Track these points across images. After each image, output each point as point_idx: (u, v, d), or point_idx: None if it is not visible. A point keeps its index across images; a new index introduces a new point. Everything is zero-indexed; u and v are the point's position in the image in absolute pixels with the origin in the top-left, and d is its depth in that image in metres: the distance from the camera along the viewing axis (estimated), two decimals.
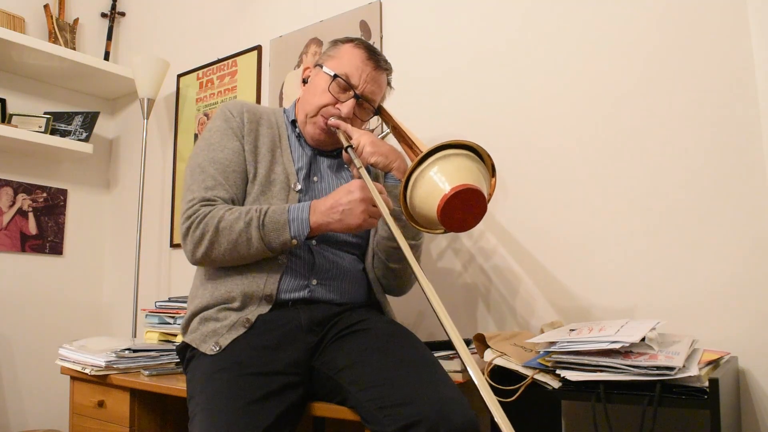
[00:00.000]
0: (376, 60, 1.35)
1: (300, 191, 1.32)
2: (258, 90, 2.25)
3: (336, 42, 1.39)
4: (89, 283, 2.75)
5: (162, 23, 2.71)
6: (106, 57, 2.75)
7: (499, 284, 1.61)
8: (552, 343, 1.11)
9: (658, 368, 0.98)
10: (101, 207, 2.83)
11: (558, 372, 1.08)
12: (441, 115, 1.76)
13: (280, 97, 2.16)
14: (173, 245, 2.48)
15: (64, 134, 2.53)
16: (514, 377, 1.11)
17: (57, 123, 2.53)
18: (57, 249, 2.63)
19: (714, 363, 1.08)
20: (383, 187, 1.21)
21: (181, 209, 1.27)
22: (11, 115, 2.44)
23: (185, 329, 1.29)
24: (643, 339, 1.03)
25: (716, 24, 1.34)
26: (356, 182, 1.19)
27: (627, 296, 1.41)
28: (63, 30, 2.63)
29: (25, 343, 2.48)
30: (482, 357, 1.19)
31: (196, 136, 2.46)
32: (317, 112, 1.34)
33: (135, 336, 2.31)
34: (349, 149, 1.24)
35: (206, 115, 2.43)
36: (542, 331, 1.34)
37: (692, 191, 1.34)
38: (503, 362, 1.14)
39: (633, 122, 1.43)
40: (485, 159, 1.12)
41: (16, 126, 2.37)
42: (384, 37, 1.92)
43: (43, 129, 2.44)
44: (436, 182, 1.05)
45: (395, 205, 1.34)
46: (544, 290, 1.53)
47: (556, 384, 1.07)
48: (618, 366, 1.01)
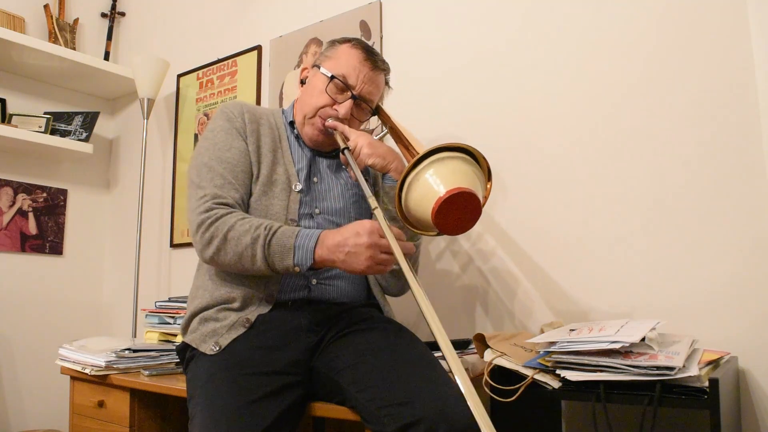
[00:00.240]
0: (374, 60, 1.35)
1: (301, 191, 1.32)
2: (258, 90, 2.25)
3: (333, 42, 1.39)
4: (89, 283, 2.75)
5: (162, 23, 2.71)
6: (106, 57, 2.75)
7: (498, 286, 1.61)
8: (552, 343, 1.11)
9: (658, 368, 0.98)
10: (101, 207, 2.83)
11: (558, 372, 1.08)
12: (441, 115, 1.76)
13: (280, 98, 2.16)
14: (173, 245, 2.48)
15: (64, 134, 2.53)
16: (514, 377, 1.11)
17: (57, 123, 2.53)
18: (57, 249, 2.63)
19: (714, 363, 1.08)
20: (401, 233, 1.12)
21: (191, 206, 1.23)
22: (11, 115, 2.44)
23: (185, 329, 1.29)
24: (643, 339, 1.03)
25: (716, 24, 1.34)
26: (367, 225, 1.11)
27: (627, 297, 1.40)
28: (63, 30, 2.63)
29: (25, 343, 2.48)
30: (482, 357, 1.19)
31: (196, 136, 2.46)
32: (315, 114, 1.34)
33: (135, 336, 2.31)
34: (346, 151, 1.24)
35: (206, 115, 2.43)
36: (542, 331, 1.34)
37: (692, 191, 1.34)
38: (503, 362, 1.14)
39: (633, 122, 1.43)
40: (481, 162, 1.12)
41: (16, 126, 2.37)
42: (384, 37, 1.91)
43: (43, 129, 2.44)
44: (431, 185, 1.05)
45: (389, 202, 1.35)
46: (543, 291, 1.53)
47: (556, 384, 1.07)
48: (618, 366, 1.01)
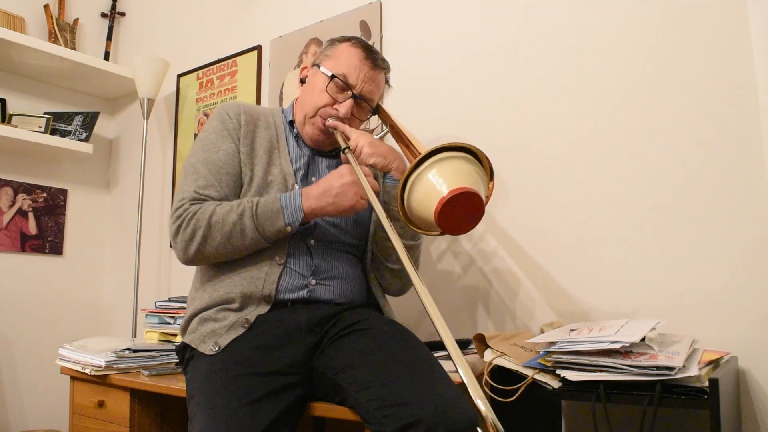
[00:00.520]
0: (374, 59, 1.34)
1: None
2: (258, 90, 2.25)
3: (333, 41, 1.39)
4: (89, 283, 2.75)
5: (162, 23, 2.71)
6: (106, 57, 2.75)
7: (499, 286, 1.61)
8: (552, 343, 1.11)
9: (658, 368, 0.98)
10: (101, 207, 2.83)
11: (558, 372, 1.08)
12: (441, 115, 1.76)
13: (280, 97, 2.16)
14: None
15: (64, 134, 2.53)
16: (514, 377, 1.11)
17: (57, 123, 2.53)
18: (57, 249, 2.63)
19: (714, 363, 1.08)
20: (369, 171, 1.23)
21: (171, 209, 1.27)
22: (11, 115, 2.44)
23: (184, 330, 1.29)
24: (643, 339, 1.03)
25: (716, 24, 1.34)
26: (346, 166, 1.23)
27: (627, 297, 1.40)
28: (63, 30, 2.63)
29: (25, 343, 2.48)
30: (482, 357, 1.19)
31: (196, 136, 2.45)
32: (315, 113, 1.34)
33: (135, 336, 2.31)
34: (347, 151, 1.24)
35: (206, 115, 2.43)
36: (542, 331, 1.34)
37: (692, 191, 1.34)
38: (503, 362, 1.14)
39: (633, 123, 1.43)
40: (483, 162, 1.12)
41: (16, 126, 2.37)
42: (384, 37, 1.91)
43: (43, 129, 2.44)
44: (434, 185, 1.05)
45: (391, 201, 1.35)
46: (544, 291, 1.53)
47: (556, 384, 1.07)
48: (618, 366, 1.01)
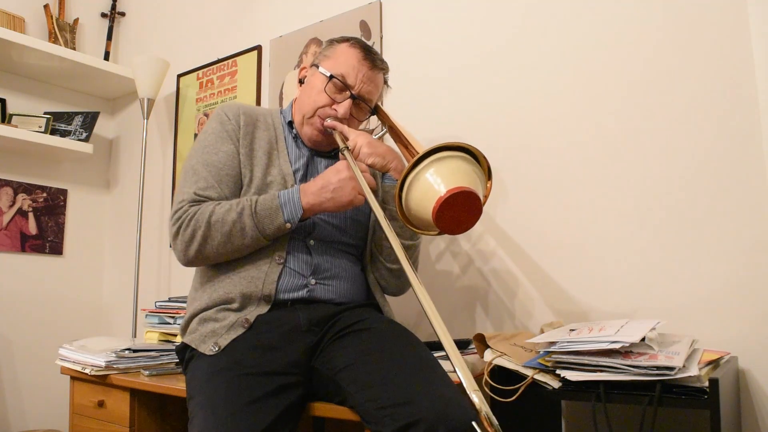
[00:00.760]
0: (372, 59, 1.35)
1: None
2: (258, 90, 2.25)
3: (332, 42, 1.39)
4: (89, 283, 2.75)
5: (162, 23, 2.71)
6: (106, 57, 2.76)
7: (498, 286, 1.61)
8: (552, 343, 1.11)
9: (658, 368, 0.98)
10: (101, 207, 2.83)
11: (558, 372, 1.08)
12: (441, 116, 1.76)
13: (280, 98, 2.16)
14: None
15: (64, 134, 2.53)
16: (514, 377, 1.11)
17: (57, 123, 2.53)
18: (57, 249, 2.63)
19: (714, 363, 1.08)
20: (367, 168, 1.24)
21: (171, 211, 1.27)
22: (11, 115, 2.44)
23: (184, 330, 1.29)
24: (643, 339, 1.03)
25: (716, 24, 1.34)
26: (343, 162, 1.24)
27: (627, 297, 1.40)
28: (63, 30, 2.63)
29: (25, 343, 2.48)
30: (482, 357, 1.19)
31: (196, 136, 2.45)
32: (314, 113, 1.34)
33: (135, 336, 2.31)
34: (345, 151, 1.25)
35: (206, 115, 2.43)
36: (542, 331, 1.34)
37: (692, 191, 1.34)
38: (503, 362, 1.14)
39: (633, 122, 1.43)
40: (481, 161, 1.12)
41: (16, 126, 2.37)
42: (384, 37, 1.91)
43: (43, 129, 2.44)
44: (432, 184, 1.05)
45: (389, 201, 1.35)
46: (543, 291, 1.53)
47: (556, 384, 1.07)
48: (618, 366, 1.01)
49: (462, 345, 1.40)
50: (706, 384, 0.95)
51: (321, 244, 1.32)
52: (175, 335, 1.86)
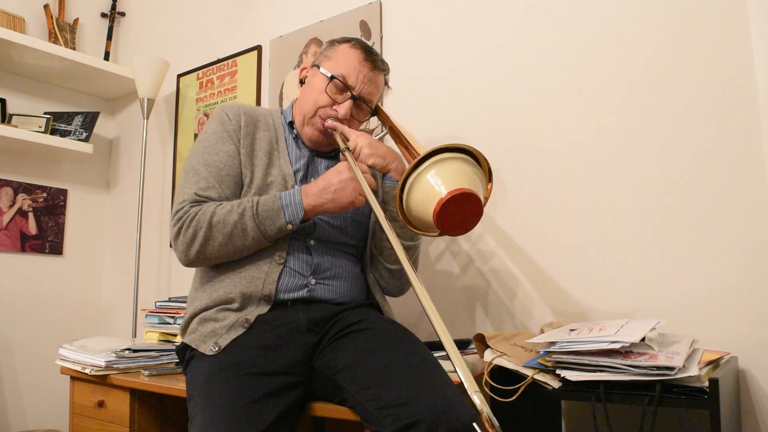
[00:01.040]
0: (373, 60, 1.35)
1: None
2: (258, 90, 2.25)
3: (333, 42, 1.39)
4: (89, 283, 2.75)
5: (162, 23, 2.71)
6: (106, 57, 2.75)
7: (498, 286, 1.61)
8: (552, 343, 1.11)
9: (658, 368, 0.98)
10: (101, 207, 2.83)
11: (558, 372, 1.08)
12: (441, 116, 1.76)
13: (280, 98, 2.16)
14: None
15: (64, 134, 2.53)
16: (514, 377, 1.11)
17: (57, 123, 2.53)
18: (57, 249, 2.63)
19: (714, 363, 1.08)
20: (367, 169, 1.25)
21: (172, 212, 1.27)
22: (11, 115, 2.44)
23: (184, 330, 1.29)
24: (643, 339, 1.03)
25: (716, 24, 1.34)
26: (343, 163, 1.24)
27: (627, 297, 1.40)
28: (63, 30, 2.63)
29: (25, 343, 2.48)
30: (482, 357, 1.19)
31: (196, 136, 2.45)
32: (315, 114, 1.34)
33: (135, 336, 2.31)
34: (346, 152, 1.25)
35: (206, 115, 2.44)
36: (542, 331, 1.34)
37: (692, 191, 1.34)
38: (503, 362, 1.14)
39: (633, 122, 1.43)
40: (482, 163, 1.12)
41: (16, 126, 2.37)
42: (384, 37, 1.91)
43: (43, 129, 2.44)
44: (433, 186, 1.05)
45: (390, 202, 1.35)
46: (543, 292, 1.53)
47: (556, 384, 1.07)
48: (618, 366, 1.01)
49: (462, 345, 1.40)
50: (706, 384, 0.95)
51: (321, 245, 1.32)
52: (175, 335, 1.86)
